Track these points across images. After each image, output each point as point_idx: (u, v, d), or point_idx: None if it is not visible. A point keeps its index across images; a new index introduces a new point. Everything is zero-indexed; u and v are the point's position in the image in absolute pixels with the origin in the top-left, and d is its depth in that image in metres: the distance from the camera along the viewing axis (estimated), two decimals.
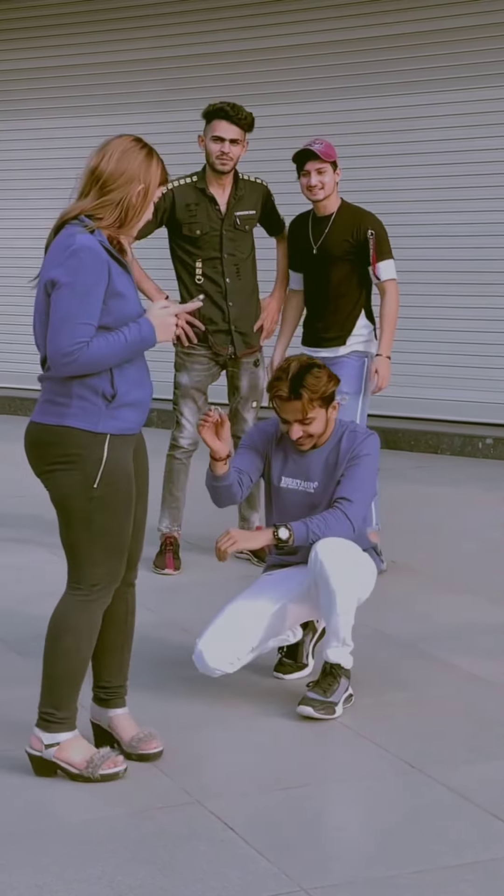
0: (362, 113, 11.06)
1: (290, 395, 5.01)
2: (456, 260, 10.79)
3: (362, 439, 5.12)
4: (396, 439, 10.58)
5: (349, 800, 4.34)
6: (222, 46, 11.83)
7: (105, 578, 4.35)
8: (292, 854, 3.89)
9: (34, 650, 5.48)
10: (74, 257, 4.14)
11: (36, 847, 3.93)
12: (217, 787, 4.35)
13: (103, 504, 4.26)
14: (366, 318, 6.90)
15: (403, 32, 10.88)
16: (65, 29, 12.84)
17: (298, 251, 6.93)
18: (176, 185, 6.83)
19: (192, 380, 6.97)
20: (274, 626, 5.11)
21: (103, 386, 4.22)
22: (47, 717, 4.36)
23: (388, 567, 6.92)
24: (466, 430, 10.52)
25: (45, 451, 4.28)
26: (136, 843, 3.95)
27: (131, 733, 4.53)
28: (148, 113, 12.16)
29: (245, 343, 6.99)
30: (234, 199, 6.86)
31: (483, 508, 8.56)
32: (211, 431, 4.98)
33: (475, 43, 10.56)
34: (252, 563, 6.94)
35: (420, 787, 4.35)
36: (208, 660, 4.99)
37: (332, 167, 6.71)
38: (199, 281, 6.86)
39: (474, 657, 5.59)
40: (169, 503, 7.06)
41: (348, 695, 5.00)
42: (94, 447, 4.23)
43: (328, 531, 4.95)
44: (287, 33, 11.47)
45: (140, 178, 4.25)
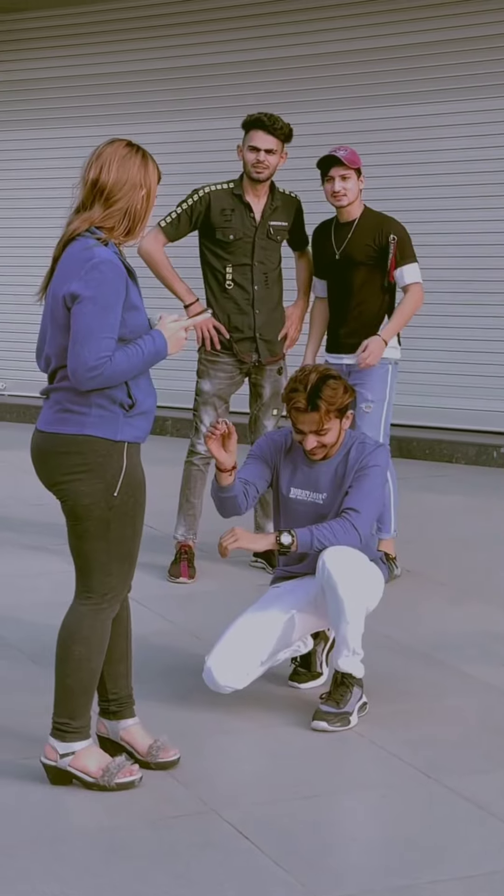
0: (374, 122, 11.06)
1: (307, 407, 5.02)
2: (472, 269, 10.78)
3: (370, 451, 5.12)
4: (411, 448, 10.57)
5: (364, 809, 4.33)
6: (230, 56, 11.85)
7: (117, 587, 4.36)
8: (307, 863, 3.88)
9: (50, 659, 5.49)
10: (96, 270, 4.15)
11: (53, 855, 3.93)
12: (232, 796, 4.35)
13: (121, 512, 4.28)
14: None
15: (420, 42, 10.88)
16: (65, 40, 12.87)
17: (322, 258, 6.94)
18: (212, 189, 6.88)
19: (215, 387, 6.98)
20: (282, 638, 5.10)
21: (121, 395, 4.24)
22: (62, 726, 4.36)
23: (403, 575, 6.91)
24: (481, 440, 10.50)
25: (62, 460, 4.27)
26: (152, 851, 3.94)
27: (147, 743, 4.53)
28: (149, 123, 12.16)
29: (269, 351, 7.01)
30: (269, 209, 6.90)
31: (497, 517, 8.54)
32: (217, 443, 4.98)
33: (492, 52, 10.54)
34: (266, 572, 6.94)
35: (436, 797, 4.34)
36: (217, 677, 4.99)
37: (357, 174, 6.73)
38: (229, 286, 6.89)
39: (489, 666, 5.58)
40: (185, 510, 7.06)
41: (362, 703, 5.00)
42: (114, 455, 4.25)
43: (334, 540, 4.95)
44: (297, 43, 11.47)
45: (141, 182, 4.28)
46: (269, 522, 7.11)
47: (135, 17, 12.44)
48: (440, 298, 10.71)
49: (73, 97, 12.85)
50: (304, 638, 5.27)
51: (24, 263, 12.77)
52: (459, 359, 10.85)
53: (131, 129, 11.71)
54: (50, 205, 11.34)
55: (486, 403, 10.75)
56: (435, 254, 10.57)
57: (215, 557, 7.07)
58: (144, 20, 12.38)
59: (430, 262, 10.41)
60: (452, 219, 10.81)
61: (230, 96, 11.78)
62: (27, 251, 12.72)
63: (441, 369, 10.86)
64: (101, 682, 4.53)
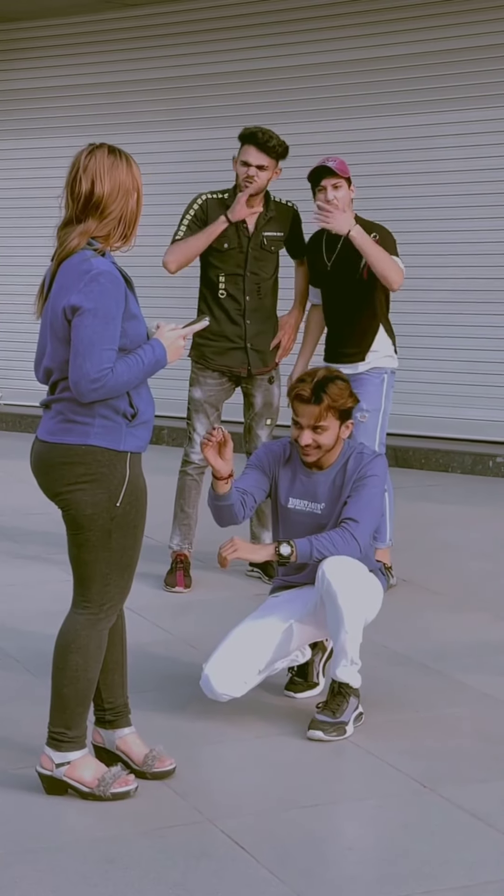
0: (372, 133, 11.08)
1: (310, 398, 5.04)
2: (468, 279, 10.79)
3: (368, 460, 5.13)
4: (407, 457, 10.57)
5: (361, 819, 4.33)
6: (227, 66, 11.86)
7: (116, 597, 4.36)
8: (304, 873, 3.87)
9: (46, 669, 5.48)
10: (95, 282, 4.15)
11: (48, 865, 3.92)
12: (228, 806, 4.34)
13: (123, 522, 4.28)
14: (385, 334, 6.87)
15: (419, 52, 10.89)
16: (57, 50, 12.89)
17: (315, 268, 6.95)
18: (209, 197, 6.90)
19: (206, 395, 6.99)
20: (280, 647, 5.10)
21: (123, 405, 4.25)
22: (58, 736, 4.35)
23: (399, 585, 6.91)
24: (477, 449, 10.50)
25: (65, 470, 4.27)
26: (148, 861, 3.94)
27: (143, 752, 4.52)
28: (140, 133, 12.17)
29: (261, 361, 7.01)
30: (263, 220, 6.90)
31: (494, 527, 8.54)
32: (214, 450, 4.98)
33: (492, 62, 10.56)
34: (263, 581, 6.94)
35: (433, 807, 4.34)
36: (215, 685, 4.98)
37: (347, 183, 6.72)
38: (222, 296, 6.90)
39: (486, 675, 5.58)
40: (180, 520, 7.06)
41: (359, 713, 4.99)
42: (117, 465, 4.25)
43: (334, 550, 4.95)
44: (289, 54, 11.48)
45: (131, 186, 4.27)
46: (264, 532, 7.11)
47: (127, 28, 12.46)
48: (436, 308, 10.73)
49: (64, 107, 12.87)
50: (301, 648, 5.27)
51: (19, 272, 12.78)
52: (456, 368, 10.86)
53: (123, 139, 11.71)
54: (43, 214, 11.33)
55: (482, 413, 10.76)
56: (429, 263, 10.60)
57: (212, 567, 7.07)
58: (136, 30, 12.40)
59: (424, 272, 10.47)
60: (446, 229, 10.82)
61: (222, 106, 11.80)
62: (22, 260, 12.73)
63: (437, 379, 10.87)
64: (96, 692, 4.52)
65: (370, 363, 6.83)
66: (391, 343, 6.91)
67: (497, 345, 10.68)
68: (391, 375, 6.91)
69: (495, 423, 10.68)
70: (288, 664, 5.26)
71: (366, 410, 6.70)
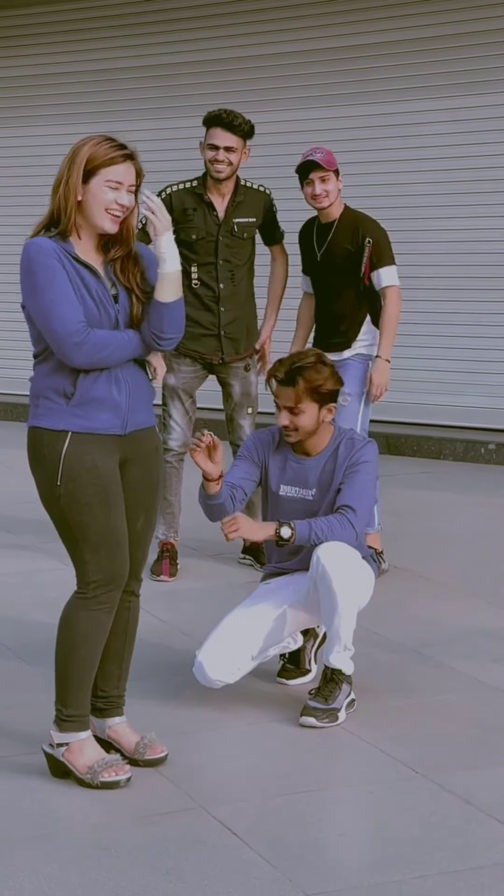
0: (361, 119, 11.06)
1: (285, 380, 5.04)
2: (457, 265, 10.79)
3: (360, 446, 5.12)
4: (399, 445, 10.58)
5: (353, 805, 4.34)
6: (221, 53, 11.84)
7: (98, 575, 4.34)
8: (296, 859, 3.89)
9: (37, 656, 5.49)
10: (24, 259, 4.23)
11: (40, 852, 3.93)
12: (221, 793, 4.35)
13: (72, 500, 4.29)
14: (371, 324, 6.89)
15: (403, 39, 10.87)
16: (63, 36, 12.84)
17: (306, 257, 6.96)
18: (174, 189, 6.86)
19: (180, 381, 6.97)
20: (273, 633, 5.11)
21: (64, 384, 4.27)
22: (57, 713, 4.41)
23: (391, 572, 6.92)
24: (469, 436, 10.51)
25: (27, 452, 4.39)
26: (141, 848, 3.95)
27: (134, 740, 4.53)
28: (146, 120, 12.16)
29: (233, 348, 6.98)
30: (232, 206, 6.86)
31: (486, 514, 8.56)
32: (203, 455, 4.93)
33: (476, 49, 10.54)
34: (254, 569, 6.94)
35: (424, 793, 4.35)
36: (208, 671, 4.99)
37: (335, 175, 6.72)
38: (196, 285, 6.87)
39: (478, 662, 5.59)
40: (164, 509, 7.02)
41: (351, 700, 5.00)
42: (55, 445, 4.28)
43: (332, 535, 4.95)
44: (285, 40, 11.46)
45: (64, 174, 4.26)
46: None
47: (116, 16, 12.42)
48: (426, 295, 10.72)
49: (54, 95, 12.79)
50: (294, 634, 5.27)
51: (12, 262, 12.76)
52: (446, 355, 10.85)
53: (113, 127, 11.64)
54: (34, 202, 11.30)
55: (473, 399, 10.76)
56: (419, 251, 10.59)
57: (204, 555, 7.09)
58: (126, 17, 12.36)
59: (414, 258, 10.46)
60: (435, 216, 10.80)
61: (212, 94, 11.73)
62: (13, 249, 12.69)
63: (428, 366, 10.86)
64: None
65: (355, 350, 6.85)
66: (377, 332, 6.90)
67: (489, 332, 10.68)
68: (373, 362, 6.91)
69: (487, 410, 10.68)
70: (280, 651, 5.27)
71: (347, 394, 6.69)
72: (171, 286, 4.31)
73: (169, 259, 4.31)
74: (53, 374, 4.28)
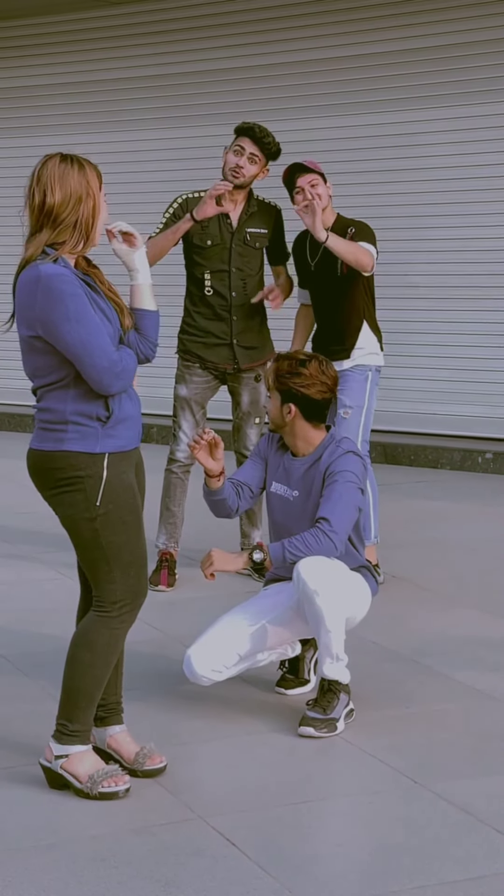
0: (362, 129, 11.09)
1: (275, 358, 5.21)
2: (456, 275, 10.81)
3: (339, 456, 5.09)
4: (396, 454, 10.59)
5: (352, 815, 4.34)
6: (220, 64, 11.87)
7: (126, 596, 4.37)
8: (295, 870, 3.89)
9: (36, 667, 5.49)
10: (48, 290, 4.18)
11: (39, 863, 3.93)
12: (219, 804, 4.35)
13: (109, 521, 4.29)
14: (370, 332, 6.88)
15: (404, 49, 10.92)
16: (59, 47, 12.87)
17: (301, 268, 6.97)
18: (191, 195, 6.90)
19: (191, 392, 6.98)
20: (261, 638, 5.10)
21: (97, 409, 4.28)
22: (60, 728, 4.39)
23: (388, 581, 6.92)
24: (466, 445, 10.53)
25: (47, 475, 4.33)
26: (139, 859, 3.95)
27: (133, 750, 4.53)
28: (147, 130, 12.19)
29: (247, 357, 7.01)
30: (245, 215, 6.91)
31: (483, 523, 8.56)
32: (205, 451, 4.99)
33: (475, 59, 10.58)
34: (253, 578, 6.94)
35: (423, 802, 4.35)
36: (195, 665, 5.01)
37: (322, 179, 6.72)
38: (209, 293, 6.90)
39: (475, 671, 5.60)
40: (166, 518, 7.05)
41: (349, 709, 5.00)
42: (93, 468, 4.27)
43: (307, 551, 4.93)
44: (284, 50, 11.50)
45: (85, 193, 4.27)
46: (254, 531, 7.13)
47: (117, 26, 12.46)
48: (424, 304, 10.75)
49: (55, 105, 12.87)
50: (290, 642, 5.27)
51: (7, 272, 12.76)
52: (444, 364, 10.87)
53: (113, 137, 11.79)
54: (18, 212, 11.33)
55: (470, 409, 10.78)
56: (416, 260, 10.62)
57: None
58: (127, 28, 12.40)
59: (413, 268, 10.49)
60: (432, 225, 10.83)
61: (212, 104, 11.81)
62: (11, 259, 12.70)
63: (426, 375, 10.88)
64: None
65: (355, 360, 6.84)
66: (377, 341, 6.92)
67: (486, 341, 10.70)
68: (376, 373, 6.91)
69: (484, 419, 10.70)
70: (277, 657, 5.27)
71: (348, 407, 6.71)
72: (151, 295, 4.42)
73: (143, 270, 4.42)
74: (81, 399, 4.26)
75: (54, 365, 4.25)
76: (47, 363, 4.26)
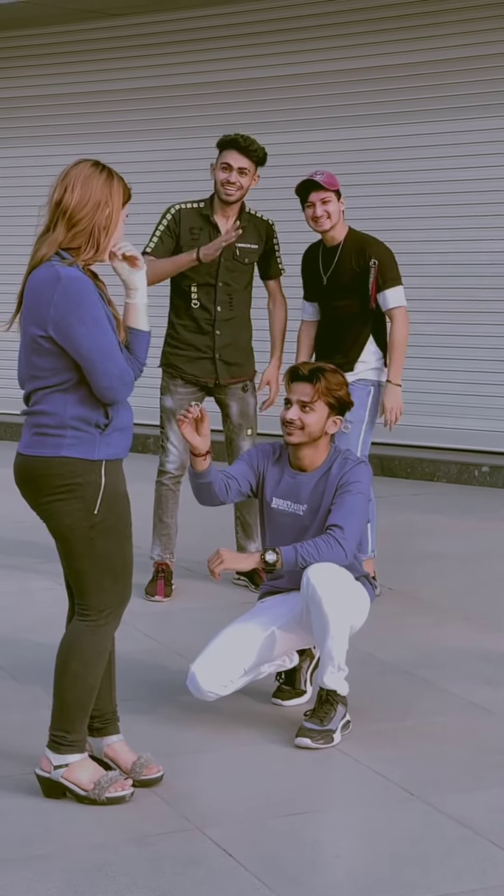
0: (359, 143, 11.11)
1: (307, 375, 5.12)
2: (452, 289, 10.83)
3: (351, 466, 5.14)
4: (392, 467, 10.59)
5: (348, 827, 4.34)
6: (219, 76, 11.89)
7: (113, 603, 4.37)
8: (291, 881, 3.88)
9: (31, 676, 5.49)
10: (68, 292, 4.17)
11: (36, 873, 3.92)
12: (216, 814, 4.35)
13: (105, 529, 4.29)
14: (376, 345, 6.87)
15: (408, 62, 10.93)
16: (47, 59, 12.91)
17: (311, 282, 6.94)
18: (183, 206, 6.89)
19: (177, 403, 6.96)
20: (266, 649, 5.11)
21: (97, 416, 4.27)
22: (58, 739, 4.38)
23: (385, 594, 6.92)
24: (463, 458, 10.53)
25: (41, 482, 4.30)
26: (136, 869, 3.94)
27: (131, 759, 4.53)
28: (145, 141, 12.21)
29: (229, 373, 6.98)
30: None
31: (479, 536, 8.57)
32: (191, 427, 4.99)
33: (481, 73, 10.58)
34: (249, 590, 6.95)
35: (419, 815, 4.35)
36: (201, 682, 5.00)
37: (336, 196, 6.72)
38: (195, 306, 6.88)
39: (471, 685, 5.60)
40: (160, 530, 7.04)
41: (346, 721, 5.00)
42: (91, 474, 4.26)
43: (319, 557, 4.96)
44: (288, 62, 11.52)
45: (105, 200, 4.27)
46: (251, 543, 7.12)
47: (106, 38, 12.49)
48: (421, 318, 10.72)
49: (43, 116, 12.90)
50: (289, 653, 5.28)
51: (8, 281, 12.77)
52: (441, 377, 10.88)
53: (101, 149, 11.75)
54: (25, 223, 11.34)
55: (467, 422, 10.79)
56: (417, 273, 10.61)
57: (199, 576, 7.08)
58: (116, 41, 12.43)
59: (410, 280, 10.39)
60: (430, 238, 10.85)
61: (200, 116, 11.83)
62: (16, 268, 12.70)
63: (422, 388, 10.88)
64: None
65: (358, 374, 6.83)
66: (381, 356, 6.89)
67: (483, 354, 10.71)
68: (378, 388, 6.90)
69: (481, 432, 10.71)
70: (275, 669, 5.28)
71: (349, 421, 6.71)
72: (146, 316, 4.41)
73: (142, 289, 4.40)
74: (81, 404, 4.25)
75: (59, 368, 4.24)
76: (52, 365, 4.25)
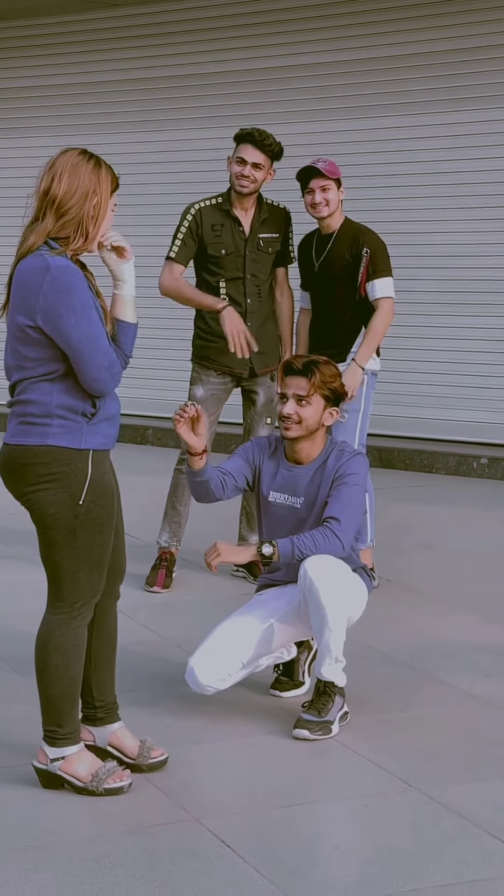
0: (358, 133, 11.09)
1: (301, 369, 5.11)
2: (451, 280, 10.82)
3: (347, 458, 5.14)
4: (391, 458, 10.59)
5: (346, 818, 4.34)
6: (215, 67, 11.87)
7: (87, 595, 4.36)
8: (289, 872, 3.89)
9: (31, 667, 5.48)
10: (58, 282, 4.16)
11: (34, 863, 3.92)
12: (214, 805, 4.35)
13: (88, 520, 4.28)
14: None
15: (401, 54, 10.92)
16: (50, 49, 12.86)
17: (304, 269, 6.97)
18: (202, 205, 6.90)
19: (208, 393, 6.97)
20: (264, 642, 5.11)
21: (84, 405, 4.26)
22: (51, 734, 4.38)
23: (383, 586, 6.93)
24: (461, 450, 10.52)
25: (26, 471, 4.28)
26: (134, 860, 3.95)
27: (136, 744, 4.56)
28: (135, 132, 12.18)
29: (262, 363, 7.01)
30: (257, 222, 6.91)
31: (478, 528, 8.57)
32: (186, 426, 4.98)
33: (485, 64, 10.56)
34: (248, 581, 6.95)
35: (417, 806, 4.35)
36: (199, 676, 5.00)
37: (337, 185, 6.74)
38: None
39: (470, 676, 5.60)
40: (171, 517, 7.06)
41: (344, 712, 5.01)
42: (78, 464, 4.25)
43: (316, 549, 4.96)
44: (291, 53, 11.49)
45: (93, 189, 4.25)
46: (252, 535, 7.12)
47: (110, 28, 12.45)
48: (420, 309, 10.75)
49: (45, 107, 12.85)
50: (287, 645, 5.28)
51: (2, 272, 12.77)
52: (440, 369, 10.88)
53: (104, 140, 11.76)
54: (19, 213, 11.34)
55: (466, 414, 10.78)
56: (414, 265, 10.62)
57: (199, 567, 7.08)
58: (120, 30, 12.39)
59: (409, 272, 10.47)
60: (431, 230, 10.84)
61: (206, 107, 11.81)
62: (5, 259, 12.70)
63: (421, 380, 10.89)
64: (87, 690, 4.53)
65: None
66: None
67: (481, 346, 10.71)
68: (372, 377, 6.91)
69: (480, 423, 10.71)
70: (273, 661, 5.28)
71: (345, 410, 6.71)
72: (133, 308, 4.41)
73: (130, 282, 4.39)
74: (68, 393, 4.24)
75: (45, 358, 4.23)
76: (38, 355, 4.23)
